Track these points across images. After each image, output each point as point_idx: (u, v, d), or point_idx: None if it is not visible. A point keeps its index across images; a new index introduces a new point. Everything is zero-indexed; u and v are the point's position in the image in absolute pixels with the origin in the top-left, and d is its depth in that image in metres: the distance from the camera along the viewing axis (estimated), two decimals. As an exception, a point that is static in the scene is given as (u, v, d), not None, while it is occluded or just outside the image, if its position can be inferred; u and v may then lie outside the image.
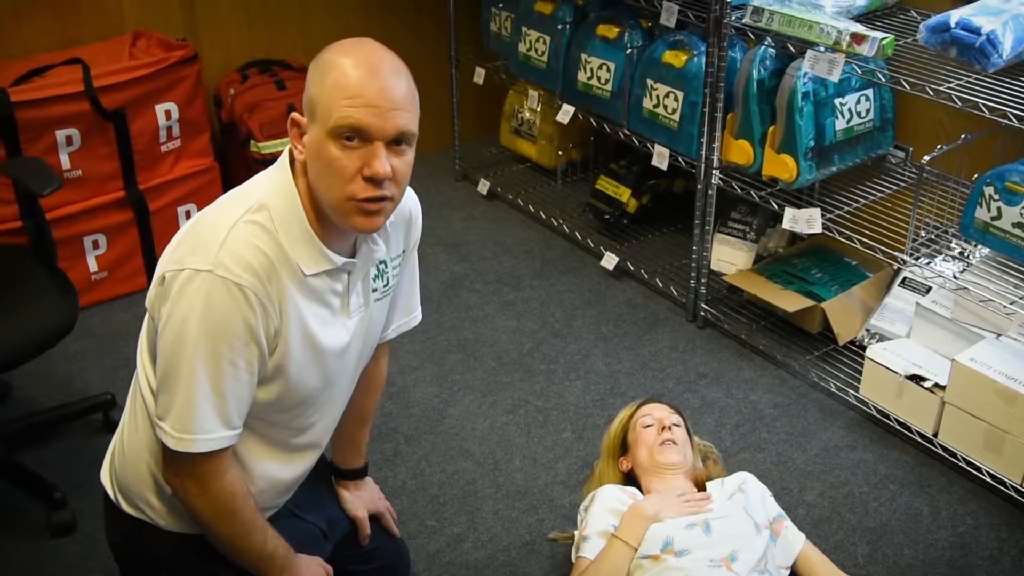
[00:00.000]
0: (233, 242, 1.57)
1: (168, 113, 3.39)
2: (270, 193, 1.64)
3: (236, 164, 3.79)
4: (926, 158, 2.64)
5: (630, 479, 2.49)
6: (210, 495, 1.67)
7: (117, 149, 3.32)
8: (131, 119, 3.31)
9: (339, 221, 1.64)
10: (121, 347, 3.25)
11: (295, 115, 1.64)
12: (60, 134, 3.20)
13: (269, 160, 3.65)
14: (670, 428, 2.44)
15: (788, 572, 2.33)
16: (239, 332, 1.57)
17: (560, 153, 4.05)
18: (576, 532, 2.34)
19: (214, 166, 3.58)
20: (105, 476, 1.86)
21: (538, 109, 4.02)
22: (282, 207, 1.63)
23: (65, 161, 3.24)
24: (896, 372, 2.77)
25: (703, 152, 3.17)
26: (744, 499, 2.36)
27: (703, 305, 3.38)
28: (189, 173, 3.52)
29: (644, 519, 2.23)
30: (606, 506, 2.34)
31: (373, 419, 2.14)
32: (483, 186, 4.21)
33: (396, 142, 1.64)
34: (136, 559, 1.87)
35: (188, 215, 3.55)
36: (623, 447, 2.52)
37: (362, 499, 2.12)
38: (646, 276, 3.59)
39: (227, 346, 1.57)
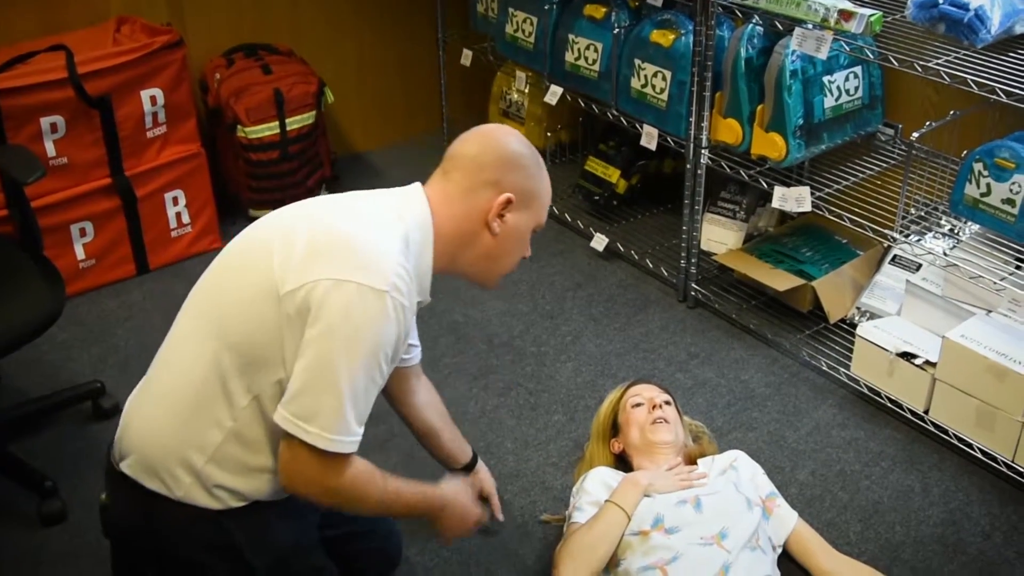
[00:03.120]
0: (398, 266, 1.73)
1: (153, 99, 3.37)
2: (411, 227, 1.82)
3: (223, 149, 3.77)
4: (915, 135, 2.63)
5: (621, 461, 2.49)
6: (342, 486, 1.76)
7: (102, 136, 3.30)
8: (116, 105, 3.29)
9: (484, 279, 1.98)
10: (109, 335, 3.23)
11: (511, 196, 1.87)
12: (45, 121, 3.18)
13: (256, 145, 3.67)
14: (660, 407, 2.44)
15: (781, 550, 2.34)
16: (393, 348, 1.74)
17: (549, 134, 4.03)
18: (568, 512, 2.34)
19: (201, 152, 3.55)
20: (121, 451, 1.84)
21: (526, 90, 4.00)
22: (419, 241, 1.82)
23: (50, 148, 3.22)
24: (887, 350, 2.77)
25: (692, 132, 3.16)
26: (736, 476, 2.36)
27: (693, 285, 3.37)
28: (176, 159, 3.49)
29: (637, 488, 2.25)
30: (599, 479, 2.35)
31: (448, 417, 2.37)
32: (472, 169, 4.18)
33: None
34: (141, 531, 1.86)
35: (175, 201, 3.53)
36: (613, 429, 2.52)
37: (487, 483, 2.45)
38: (636, 257, 3.58)
39: (383, 358, 1.72)
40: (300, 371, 1.69)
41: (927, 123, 2.66)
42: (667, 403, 2.48)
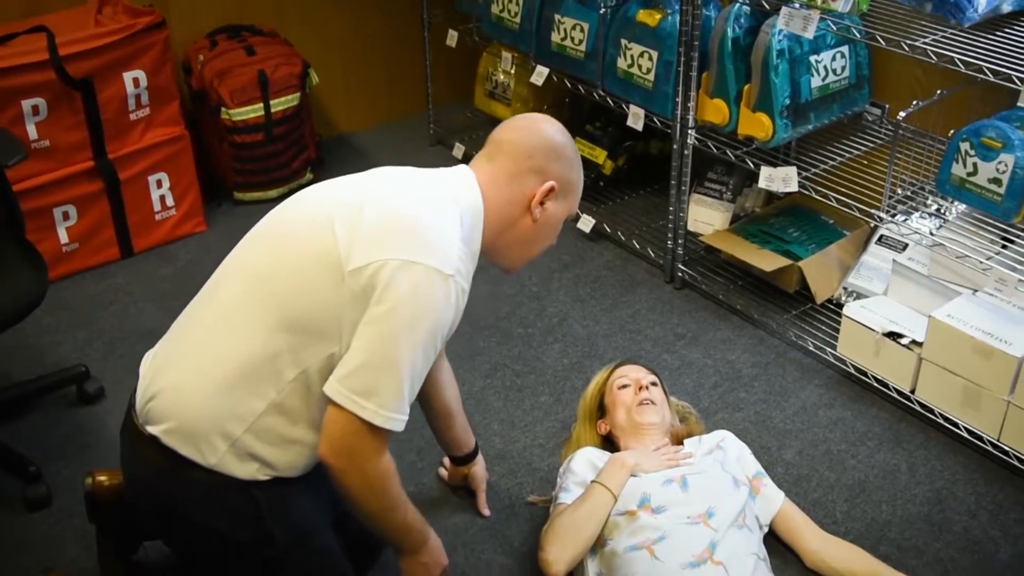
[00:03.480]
0: (460, 251, 1.79)
1: (136, 81, 3.34)
2: (465, 210, 1.86)
3: (207, 132, 3.75)
4: (902, 115, 2.62)
5: (608, 442, 2.49)
6: (376, 471, 1.79)
7: (85, 118, 3.27)
8: (98, 88, 3.26)
9: (512, 263, 2.05)
10: (94, 319, 3.21)
11: (554, 184, 1.94)
12: (26, 104, 3.15)
13: (240, 127, 3.64)
14: (647, 388, 2.45)
15: (767, 529, 2.35)
16: (448, 331, 1.80)
17: (535, 115, 4.01)
18: (554, 493, 2.34)
19: (185, 134, 3.53)
20: (153, 415, 1.83)
21: (512, 71, 3.98)
22: (471, 225, 1.87)
23: (32, 131, 3.19)
24: (873, 329, 2.77)
25: (678, 112, 3.15)
26: (722, 456, 2.37)
27: (680, 266, 3.37)
28: (159, 141, 3.47)
29: (624, 468, 2.26)
30: (585, 460, 2.35)
31: (461, 403, 2.40)
32: (458, 150, 4.18)
33: None
34: (162, 494, 1.86)
35: (159, 184, 3.51)
36: (600, 410, 2.52)
37: (479, 475, 2.49)
38: (623, 238, 3.57)
39: (440, 341, 1.79)
40: (361, 347, 1.72)
41: (914, 103, 2.66)
42: (653, 384, 2.48)
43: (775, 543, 2.36)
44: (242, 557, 1.89)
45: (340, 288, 1.73)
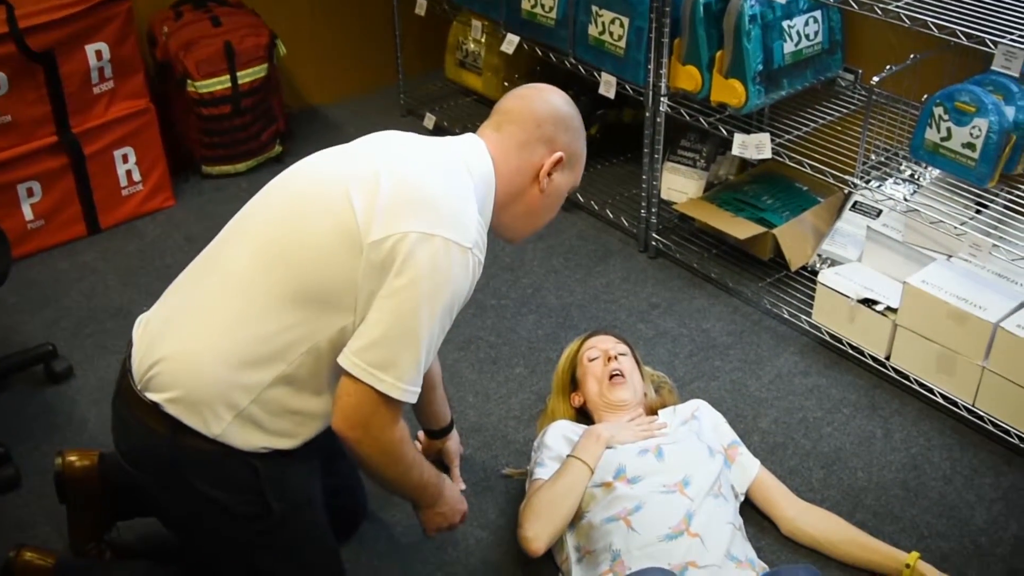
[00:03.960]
0: (477, 223, 1.78)
1: (99, 53, 3.27)
2: (478, 181, 1.84)
3: (174, 105, 3.69)
4: (875, 80, 2.60)
5: (582, 414, 2.48)
6: (391, 440, 1.79)
7: (47, 92, 3.21)
8: (60, 61, 3.20)
9: (515, 234, 2.02)
10: (61, 296, 3.17)
11: (563, 155, 1.93)
12: (-14, 78, 3.10)
13: (207, 100, 3.59)
14: (616, 358, 2.43)
15: (743, 498, 2.34)
16: (463, 302, 1.80)
17: (506, 85, 3.97)
18: (529, 467, 2.33)
19: (150, 107, 3.47)
20: (155, 383, 1.79)
21: (482, 40, 3.94)
22: (483, 196, 1.85)
23: (-8, 106, 3.14)
24: (848, 296, 2.76)
25: (650, 79, 3.12)
26: (697, 425, 2.36)
27: (654, 235, 3.35)
28: (124, 115, 3.41)
29: (599, 441, 2.25)
30: (559, 434, 2.34)
31: (441, 378, 2.39)
32: (429, 120, 4.14)
33: None
34: (159, 460, 1.82)
35: (125, 159, 3.45)
36: (573, 383, 2.50)
37: (453, 449, 2.47)
38: (596, 207, 3.55)
39: (456, 312, 1.79)
40: (380, 320, 1.71)
41: (887, 67, 2.64)
42: (622, 354, 2.46)
43: (751, 511, 2.35)
44: (238, 528, 1.87)
45: (358, 259, 1.71)
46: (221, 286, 1.81)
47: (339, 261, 1.72)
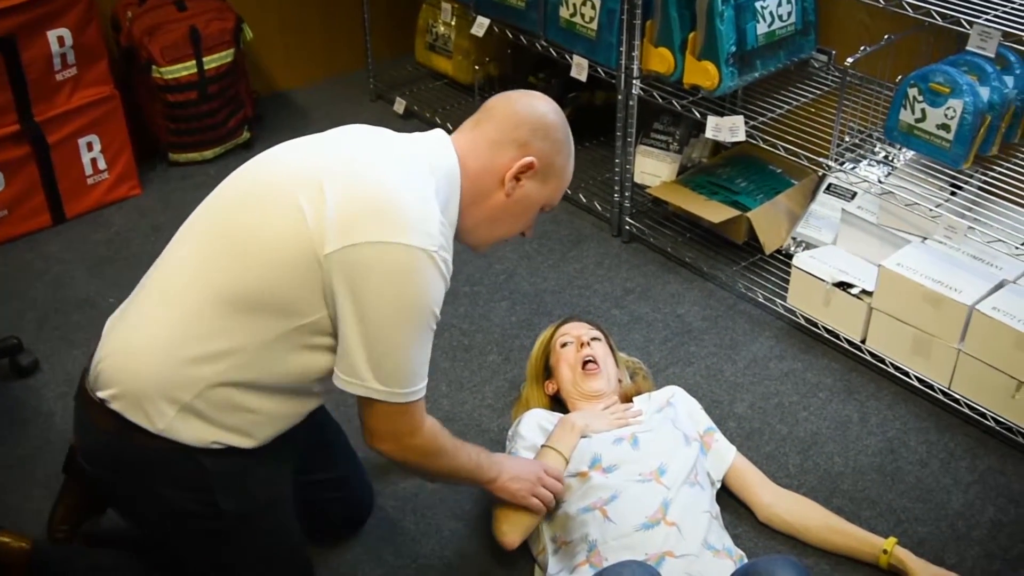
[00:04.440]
0: (440, 224, 1.72)
1: (61, 39, 3.20)
2: (441, 180, 1.78)
3: (139, 91, 3.63)
4: (849, 61, 2.58)
5: (557, 402, 2.46)
6: (424, 440, 1.82)
7: (8, 80, 3.13)
8: (21, 47, 3.12)
9: (476, 240, 1.94)
10: (26, 288, 3.11)
11: (534, 161, 1.83)
12: (-56, 65, 3.03)
13: (173, 86, 3.53)
14: (588, 344, 2.40)
15: (719, 484, 2.32)
16: (440, 303, 1.74)
17: (477, 68, 3.93)
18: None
19: (115, 94, 3.40)
20: (101, 380, 1.77)
21: (452, 23, 3.89)
22: (447, 195, 1.79)
23: (-49, 94, 3.07)
24: (823, 280, 2.75)
25: (623, 62, 3.08)
26: (672, 412, 2.34)
27: (627, 219, 3.32)
28: (88, 102, 3.34)
29: (574, 430, 2.22)
30: (533, 423, 2.31)
31: None
32: (399, 105, 4.09)
33: None
34: (112, 460, 1.81)
35: (90, 147, 3.39)
36: (547, 370, 2.48)
37: None
38: (569, 192, 3.50)
39: (435, 314, 1.74)
40: (358, 336, 1.67)
41: (861, 48, 2.61)
42: (595, 339, 2.44)
43: (728, 498, 2.34)
44: (188, 528, 1.84)
45: (318, 272, 1.66)
46: (167, 284, 1.78)
47: (296, 272, 1.67)
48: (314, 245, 1.65)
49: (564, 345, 2.44)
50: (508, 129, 1.84)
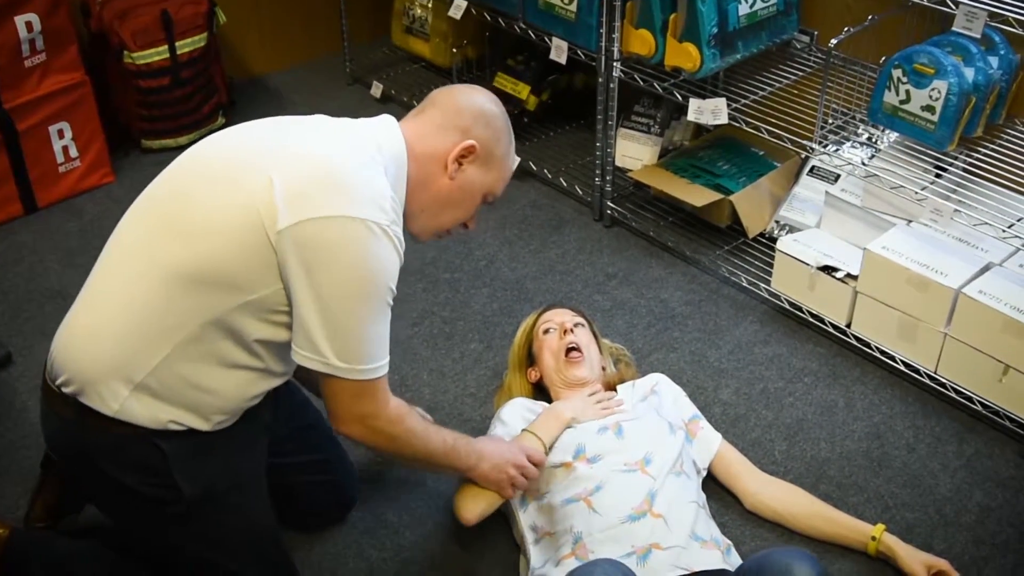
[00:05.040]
0: (391, 200, 1.72)
1: (29, 25, 3.13)
2: (388, 160, 1.78)
3: (111, 77, 3.56)
4: (833, 41, 2.54)
5: (540, 390, 2.42)
6: (389, 421, 1.81)
7: (-26, 67, 3.08)
8: (-12, 33, 3.07)
9: (421, 225, 1.92)
10: (-3, 279, 3.06)
11: (475, 144, 1.86)
12: (-92, 53, 2.95)
13: (145, 71, 3.47)
14: (572, 330, 2.37)
15: (705, 473, 2.30)
16: (396, 277, 1.73)
17: (455, 51, 3.88)
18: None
19: (85, 80, 3.34)
20: (55, 367, 1.77)
21: (429, 5, 3.84)
22: (395, 175, 1.79)
23: (-83, 83, 3.00)
24: (807, 264, 2.72)
25: (603, 44, 3.04)
26: (657, 401, 2.31)
27: (609, 203, 3.28)
28: (59, 89, 3.27)
29: (560, 421, 2.19)
30: (516, 412, 2.29)
31: None
32: (376, 89, 4.04)
33: None
34: (74, 448, 1.81)
35: (61, 134, 3.32)
36: (529, 358, 2.45)
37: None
38: (549, 176, 3.47)
39: (391, 289, 1.73)
40: (314, 312, 1.67)
41: (845, 29, 2.58)
42: (579, 325, 2.40)
43: (714, 487, 2.32)
44: (152, 514, 1.83)
45: (270, 250, 1.65)
46: (116, 266, 1.77)
47: (247, 250, 1.66)
48: (264, 223, 1.64)
49: (547, 332, 2.41)
50: (451, 115, 1.89)
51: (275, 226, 1.64)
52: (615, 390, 2.37)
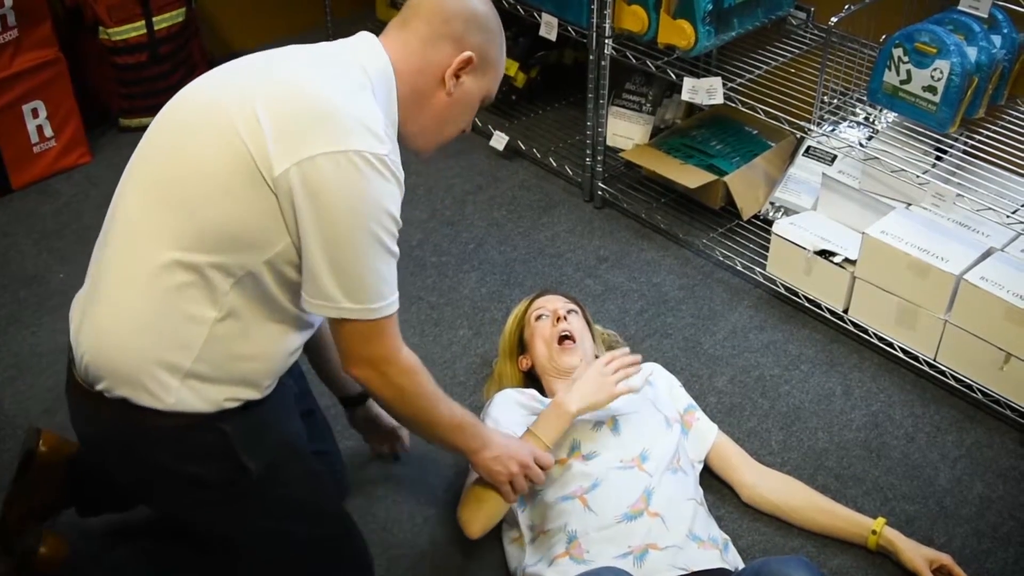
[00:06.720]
0: (384, 124, 1.64)
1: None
2: (376, 82, 1.69)
3: (86, 54, 3.47)
4: (833, 19, 2.47)
5: (531, 378, 2.35)
6: (402, 372, 1.76)
7: (-56, 45, 2.98)
8: (-43, 10, 2.97)
9: (422, 143, 1.83)
10: (-28, 263, 2.97)
11: (472, 56, 1.75)
12: None
13: (121, 48, 3.37)
14: (565, 317, 2.30)
15: (702, 466, 2.25)
16: (399, 206, 1.66)
17: (441, 26, 3.79)
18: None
19: (60, 57, 3.24)
20: (91, 373, 1.69)
21: (415, -21, 3.75)
22: (385, 97, 1.70)
23: None
24: (804, 248, 2.66)
25: (594, 20, 2.96)
26: (652, 392, 2.25)
27: (600, 184, 3.21)
28: (32, 67, 3.18)
29: (563, 418, 2.03)
30: (507, 405, 2.21)
31: None
32: (361, 65, 3.95)
33: None
34: (126, 448, 1.73)
35: (35, 114, 3.23)
36: (521, 345, 2.38)
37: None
38: (538, 155, 3.40)
39: (397, 215, 1.66)
40: (320, 252, 1.61)
41: (846, 7, 2.50)
42: (572, 312, 2.33)
43: (710, 479, 2.26)
44: (216, 498, 1.77)
45: (269, 195, 1.58)
46: (124, 251, 1.68)
47: (247, 200, 1.59)
48: (260, 169, 1.58)
49: (539, 318, 2.33)
50: (438, 23, 1.75)
51: (272, 171, 1.57)
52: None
